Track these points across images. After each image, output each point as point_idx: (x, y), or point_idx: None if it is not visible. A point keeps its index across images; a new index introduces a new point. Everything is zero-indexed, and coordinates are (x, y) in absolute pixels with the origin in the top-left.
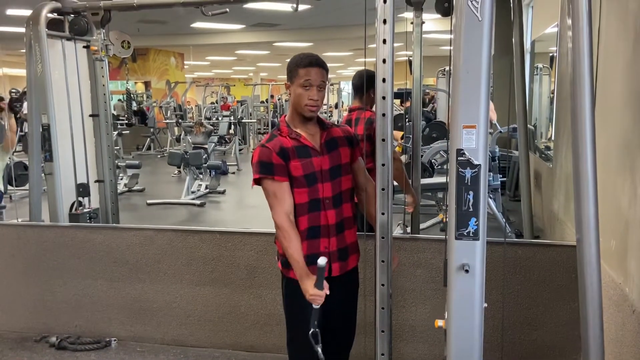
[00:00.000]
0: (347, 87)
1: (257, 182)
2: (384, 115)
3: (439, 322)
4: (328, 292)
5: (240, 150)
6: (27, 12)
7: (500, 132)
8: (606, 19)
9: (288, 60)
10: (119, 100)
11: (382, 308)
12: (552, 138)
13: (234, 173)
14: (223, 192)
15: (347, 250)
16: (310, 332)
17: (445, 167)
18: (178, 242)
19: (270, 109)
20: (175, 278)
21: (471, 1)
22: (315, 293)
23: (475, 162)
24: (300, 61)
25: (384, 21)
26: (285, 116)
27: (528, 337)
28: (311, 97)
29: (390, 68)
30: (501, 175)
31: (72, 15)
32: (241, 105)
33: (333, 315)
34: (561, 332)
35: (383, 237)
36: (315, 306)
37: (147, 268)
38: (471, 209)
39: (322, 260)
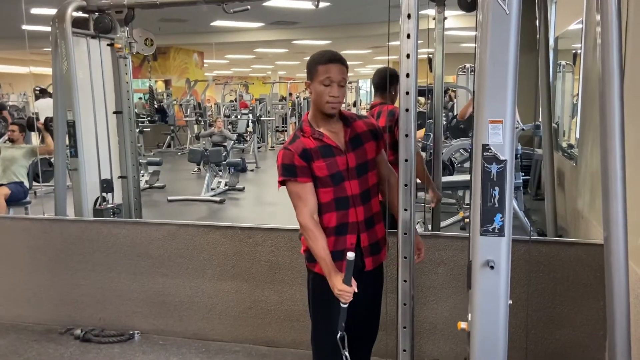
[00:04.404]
0: (365, 85)
1: (281, 184)
2: (407, 110)
3: (462, 324)
4: (356, 290)
5: (258, 148)
6: (52, 11)
7: (523, 129)
8: (634, 14)
9: (306, 58)
10: (140, 98)
11: (404, 304)
12: (577, 136)
13: (252, 170)
14: (242, 190)
15: (379, 243)
16: (337, 336)
17: (464, 165)
18: (200, 238)
19: (289, 107)
20: (197, 273)
21: None
22: (344, 289)
23: (502, 158)
24: (319, 58)
25: (409, 16)
26: (307, 114)
27: (552, 336)
28: (332, 94)
29: (414, 63)
30: (523, 174)
31: (97, 14)
32: (260, 104)
33: (361, 309)
34: (586, 331)
35: (405, 233)
36: (343, 304)
37: (170, 262)
38: (497, 205)
39: (350, 255)
